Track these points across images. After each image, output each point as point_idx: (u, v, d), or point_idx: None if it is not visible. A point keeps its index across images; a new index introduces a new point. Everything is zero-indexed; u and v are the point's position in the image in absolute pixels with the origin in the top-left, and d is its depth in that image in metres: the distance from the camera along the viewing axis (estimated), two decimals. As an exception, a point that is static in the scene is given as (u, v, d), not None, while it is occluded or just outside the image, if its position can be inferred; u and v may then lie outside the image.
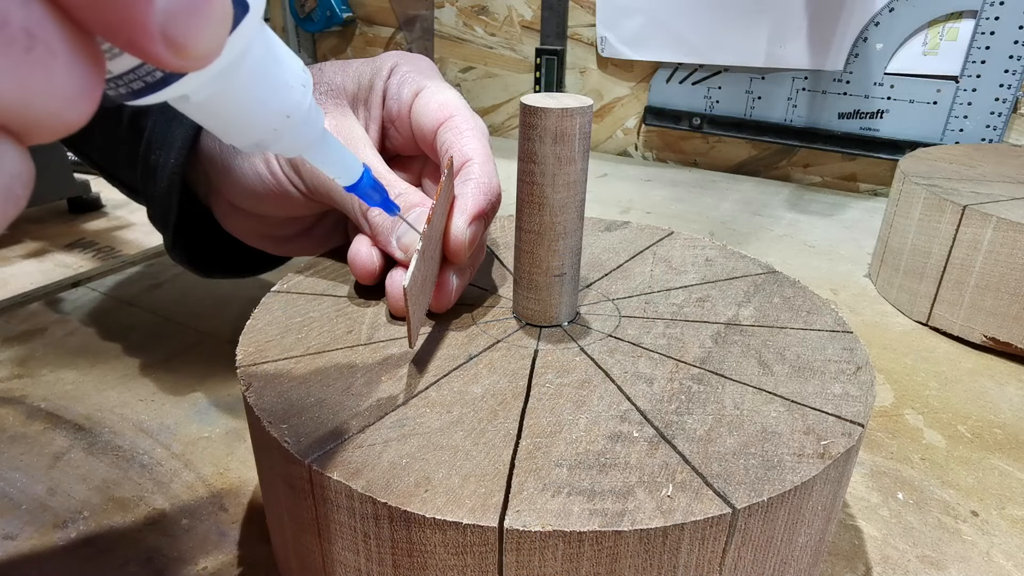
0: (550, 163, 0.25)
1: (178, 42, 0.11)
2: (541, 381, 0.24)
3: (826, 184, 0.87)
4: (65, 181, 0.66)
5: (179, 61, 0.11)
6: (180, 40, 0.11)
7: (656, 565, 0.19)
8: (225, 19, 0.12)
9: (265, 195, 0.31)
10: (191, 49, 0.11)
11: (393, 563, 0.20)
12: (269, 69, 0.16)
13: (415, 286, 0.23)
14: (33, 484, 0.33)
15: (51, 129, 0.11)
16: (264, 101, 0.16)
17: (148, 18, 0.11)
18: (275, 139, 0.17)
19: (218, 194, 0.34)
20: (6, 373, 0.42)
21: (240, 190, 0.32)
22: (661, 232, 0.38)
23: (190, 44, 0.11)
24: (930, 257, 0.49)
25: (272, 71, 0.16)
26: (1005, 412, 0.41)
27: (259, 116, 0.16)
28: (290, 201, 0.31)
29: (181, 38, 0.11)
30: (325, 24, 1.13)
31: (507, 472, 0.20)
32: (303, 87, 0.17)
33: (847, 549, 0.30)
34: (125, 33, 0.11)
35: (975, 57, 0.73)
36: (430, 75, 0.32)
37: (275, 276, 0.41)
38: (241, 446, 0.36)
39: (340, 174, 0.21)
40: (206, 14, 0.11)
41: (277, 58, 0.16)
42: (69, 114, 0.11)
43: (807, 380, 0.25)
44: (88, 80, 0.11)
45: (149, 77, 0.13)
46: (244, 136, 0.17)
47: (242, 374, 0.24)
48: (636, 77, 0.94)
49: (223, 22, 0.12)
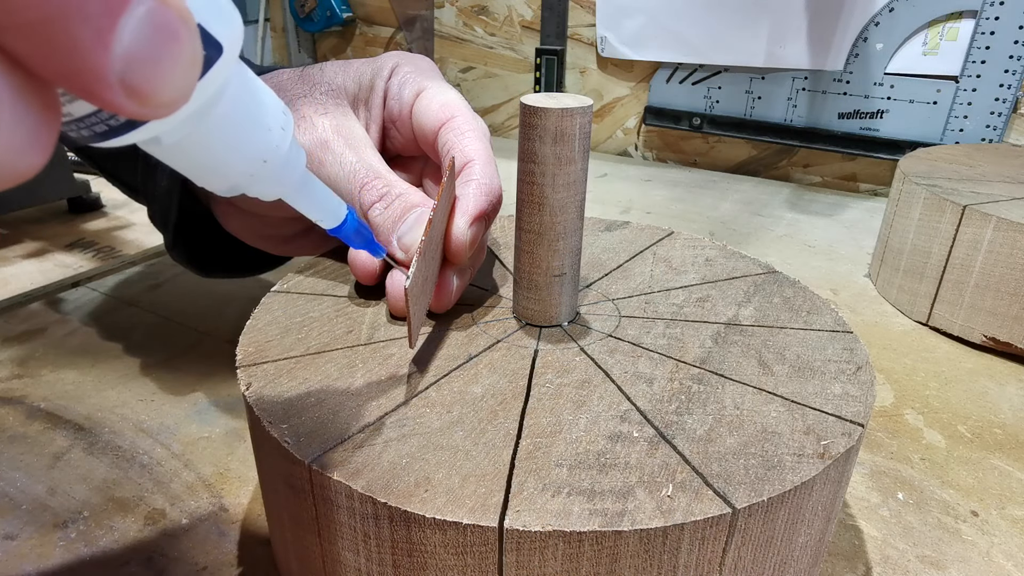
0: (550, 163, 0.25)
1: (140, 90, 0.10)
2: (541, 381, 0.24)
3: (826, 184, 0.87)
4: (65, 181, 0.66)
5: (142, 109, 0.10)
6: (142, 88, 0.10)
7: (656, 565, 0.19)
8: (193, 63, 0.11)
9: (265, 195, 0.31)
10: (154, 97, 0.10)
11: (393, 563, 0.20)
12: (246, 111, 0.15)
13: (416, 286, 0.23)
14: (33, 484, 0.33)
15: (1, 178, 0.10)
16: (240, 145, 0.15)
17: (104, 67, 0.10)
18: (251, 183, 0.16)
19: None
20: (6, 373, 0.42)
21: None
22: (661, 232, 0.38)
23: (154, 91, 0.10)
24: (930, 257, 0.49)
25: (249, 113, 0.15)
26: (1005, 412, 0.41)
27: (234, 160, 0.15)
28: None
29: (143, 85, 0.10)
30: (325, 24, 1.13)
31: (507, 472, 0.20)
32: (282, 129, 0.16)
33: (847, 549, 0.30)
34: (80, 82, 0.10)
35: (975, 57, 0.73)
36: (431, 76, 0.32)
37: (275, 276, 0.41)
38: (241, 446, 0.36)
39: (323, 217, 0.20)
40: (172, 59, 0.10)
41: (256, 99, 0.15)
42: (18, 164, 0.10)
43: (807, 380, 0.25)
44: (38, 129, 0.10)
45: (112, 120, 0.12)
46: (218, 180, 0.16)
47: (242, 374, 0.24)
48: (636, 77, 0.94)
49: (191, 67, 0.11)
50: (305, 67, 0.33)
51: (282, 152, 0.16)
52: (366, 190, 0.29)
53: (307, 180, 0.18)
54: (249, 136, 0.15)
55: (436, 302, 0.28)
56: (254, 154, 0.16)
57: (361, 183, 0.29)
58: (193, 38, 0.11)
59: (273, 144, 0.16)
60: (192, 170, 0.15)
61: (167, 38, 0.10)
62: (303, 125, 0.30)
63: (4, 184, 0.10)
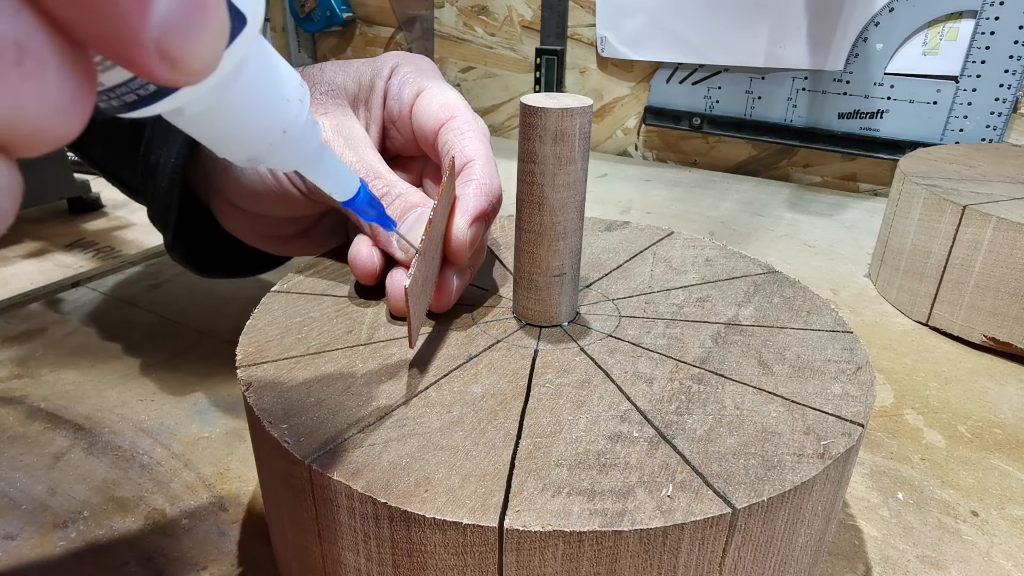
0: (550, 163, 0.25)
1: (174, 56, 0.11)
2: (541, 381, 0.24)
3: (826, 184, 0.87)
4: (65, 181, 0.66)
5: (174, 76, 0.11)
6: (176, 54, 0.11)
7: (656, 565, 0.19)
8: (222, 33, 0.12)
9: (265, 195, 0.31)
10: (187, 64, 0.11)
11: (393, 563, 0.20)
12: (266, 83, 0.16)
13: (416, 286, 0.23)
14: (33, 484, 0.33)
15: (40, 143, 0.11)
16: (260, 115, 0.16)
17: (143, 32, 0.10)
18: (270, 154, 0.17)
19: (218, 194, 0.34)
20: (6, 373, 0.42)
21: (240, 190, 0.32)
22: (661, 232, 0.38)
23: (186, 58, 0.11)
24: (930, 257, 0.49)
25: (269, 85, 0.16)
26: (1005, 412, 0.41)
27: (254, 130, 0.16)
28: (290, 201, 0.31)
29: (177, 52, 0.11)
30: (325, 24, 1.13)
31: (507, 472, 0.20)
32: (300, 101, 0.17)
33: (847, 549, 0.30)
34: (119, 47, 0.10)
35: (975, 57, 0.73)
36: (431, 76, 0.32)
37: (275, 276, 0.41)
38: (241, 446, 0.36)
39: (336, 189, 0.20)
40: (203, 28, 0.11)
41: (274, 71, 0.16)
42: (59, 128, 0.11)
43: (807, 380, 0.25)
44: (79, 93, 0.11)
45: (142, 90, 0.12)
46: (239, 150, 0.16)
47: (242, 374, 0.24)
48: (636, 77, 0.94)
49: (220, 36, 0.12)
50: (305, 67, 0.33)
51: (300, 123, 0.17)
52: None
53: (322, 153, 0.19)
54: (269, 107, 0.16)
55: (436, 302, 0.28)
56: (273, 124, 0.16)
57: (361, 183, 0.29)
58: (221, 8, 0.11)
59: (291, 115, 0.16)
60: (213, 140, 0.16)
61: (199, 7, 0.11)
62: None
63: (45, 148, 0.11)
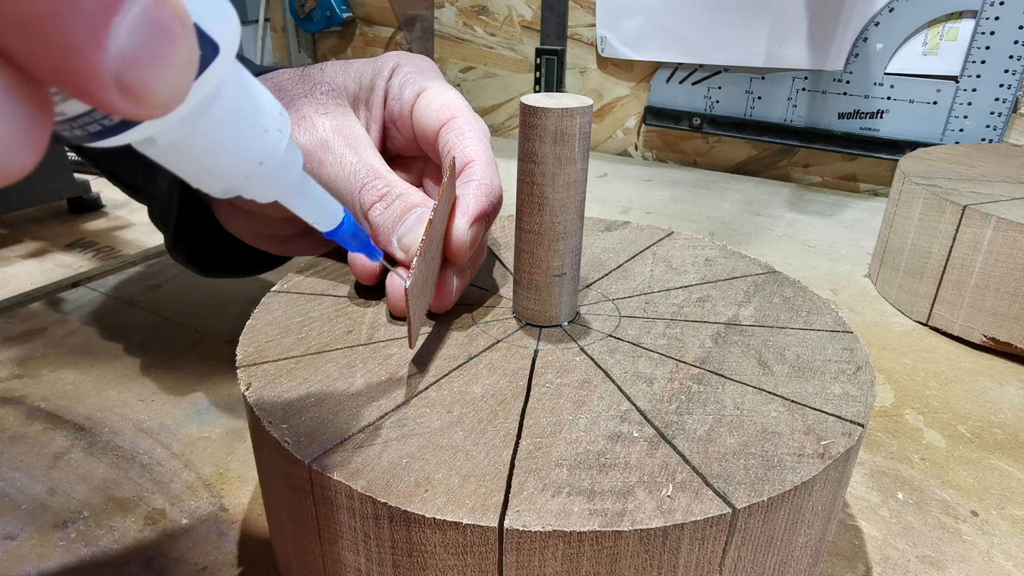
0: (550, 163, 0.25)
1: (134, 90, 0.10)
2: (541, 381, 0.24)
3: (826, 184, 0.87)
4: (65, 181, 0.66)
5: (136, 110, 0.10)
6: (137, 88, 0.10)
7: (656, 565, 0.19)
8: (189, 63, 0.11)
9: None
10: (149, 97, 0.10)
11: (393, 563, 0.20)
12: (243, 112, 0.15)
13: (416, 287, 0.23)
14: (33, 484, 0.33)
15: None
16: (236, 146, 0.15)
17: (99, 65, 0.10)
18: (247, 185, 0.16)
19: (218, 194, 0.34)
20: (6, 373, 0.42)
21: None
22: (661, 232, 0.38)
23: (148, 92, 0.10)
24: (930, 257, 0.49)
25: (245, 114, 0.15)
26: (1005, 412, 0.41)
27: (230, 161, 0.15)
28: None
29: (138, 86, 0.10)
30: (325, 24, 1.13)
31: (507, 472, 0.20)
32: (279, 131, 0.16)
33: (847, 549, 0.30)
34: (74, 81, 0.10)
35: (975, 57, 0.73)
36: (432, 76, 0.32)
37: (275, 276, 0.41)
38: (241, 446, 0.36)
39: (319, 220, 0.20)
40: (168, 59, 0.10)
41: (252, 100, 0.15)
42: (9, 165, 0.10)
43: (807, 380, 0.25)
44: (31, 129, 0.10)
45: (107, 121, 0.12)
46: (214, 182, 0.16)
47: (242, 374, 0.24)
48: (636, 77, 0.94)
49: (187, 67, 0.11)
50: (305, 67, 0.33)
51: (278, 154, 0.16)
52: (366, 190, 0.29)
53: (304, 182, 0.18)
54: (245, 138, 0.15)
55: (436, 302, 0.28)
56: (250, 156, 0.15)
57: (361, 183, 0.29)
58: (189, 37, 0.11)
59: (269, 146, 0.16)
60: (187, 171, 0.15)
61: (163, 37, 0.10)
62: (303, 125, 0.30)
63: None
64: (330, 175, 0.29)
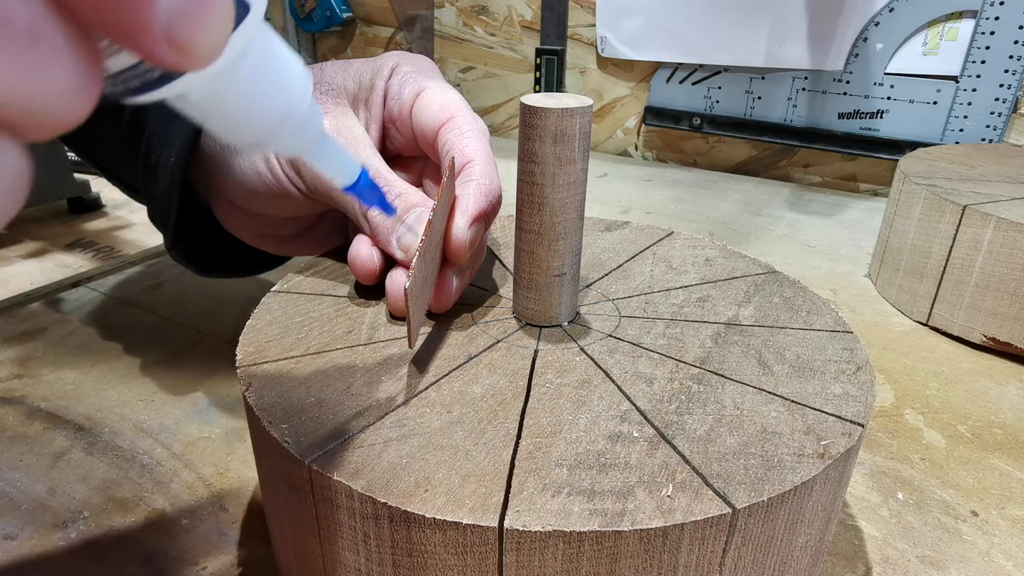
0: (550, 163, 0.25)
1: (180, 42, 0.11)
2: (541, 381, 0.24)
3: (826, 184, 0.87)
4: (65, 181, 0.66)
5: (180, 60, 0.11)
6: (182, 40, 0.11)
7: (656, 565, 0.19)
8: (227, 19, 0.12)
9: (265, 195, 0.31)
10: (193, 49, 0.11)
11: (393, 563, 0.20)
12: (268, 69, 0.16)
13: (416, 286, 0.23)
14: (33, 484, 0.33)
15: (50, 126, 0.11)
16: (262, 101, 0.16)
17: (151, 18, 0.11)
18: (273, 139, 0.17)
19: (218, 194, 0.34)
20: (6, 373, 0.42)
21: (240, 189, 0.32)
22: (661, 232, 0.38)
23: (192, 44, 0.11)
24: (930, 257, 0.49)
25: (271, 71, 0.16)
26: (1005, 412, 0.41)
27: (257, 116, 0.16)
28: (290, 201, 0.31)
29: (183, 38, 0.11)
30: (325, 24, 1.13)
31: (507, 472, 0.20)
32: (303, 88, 0.17)
33: (847, 549, 0.30)
34: (128, 32, 0.11)
35: (975, 57, 0.73)
36: (431, 76, 0.32)
37: (275, 276, 0.41)
38: (241, 446, 0.36)
39: (337, 175, 0.21)
40: (208, 14, 0.11)
41: (277, 58, 0.16)
42: (68, 111, 0.11)
43: (807, 380, 0.25)
44: (88, 77, 0.11)
45: (148, 75, 0.13)
46: (241, 135, 0.17)
47: (242, 374, 0.24)
48: (636, 77, 0.94)
49: (225, 22, 0.12)
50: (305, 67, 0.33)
51: (303, 109, 0.17)
52: (366, 190, 0.29)
53: (323, 139, 0.19)
54: (272, 92, 0.16)
55: (436, 302, 0.28)
56: (276, 109, 0.17)
57: (361, 183, 0.29)
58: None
59: (294, 101, 0.17)
60: (217, 125, 0.16)
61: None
62: None
63: (53, 131, 0.11)
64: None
